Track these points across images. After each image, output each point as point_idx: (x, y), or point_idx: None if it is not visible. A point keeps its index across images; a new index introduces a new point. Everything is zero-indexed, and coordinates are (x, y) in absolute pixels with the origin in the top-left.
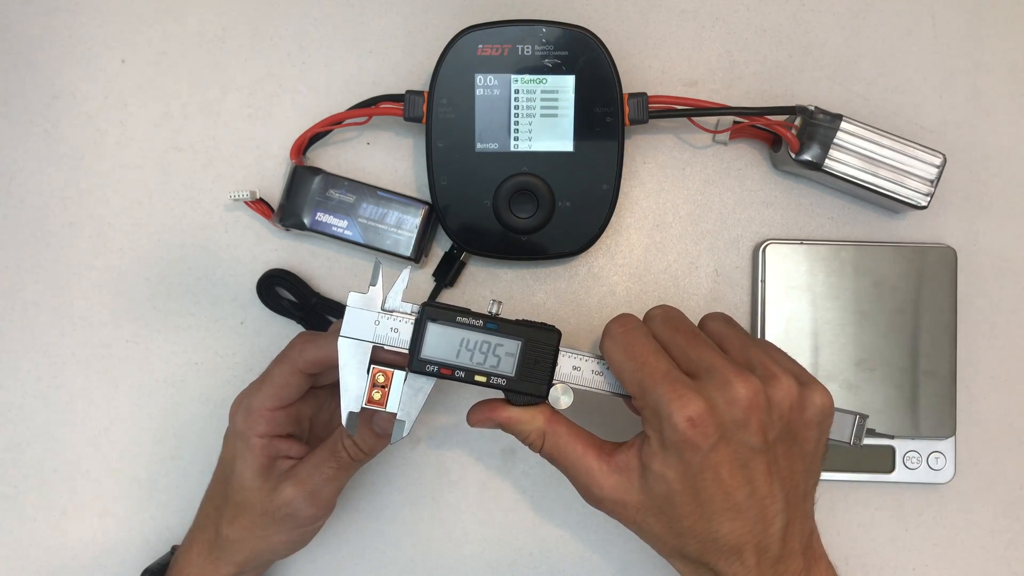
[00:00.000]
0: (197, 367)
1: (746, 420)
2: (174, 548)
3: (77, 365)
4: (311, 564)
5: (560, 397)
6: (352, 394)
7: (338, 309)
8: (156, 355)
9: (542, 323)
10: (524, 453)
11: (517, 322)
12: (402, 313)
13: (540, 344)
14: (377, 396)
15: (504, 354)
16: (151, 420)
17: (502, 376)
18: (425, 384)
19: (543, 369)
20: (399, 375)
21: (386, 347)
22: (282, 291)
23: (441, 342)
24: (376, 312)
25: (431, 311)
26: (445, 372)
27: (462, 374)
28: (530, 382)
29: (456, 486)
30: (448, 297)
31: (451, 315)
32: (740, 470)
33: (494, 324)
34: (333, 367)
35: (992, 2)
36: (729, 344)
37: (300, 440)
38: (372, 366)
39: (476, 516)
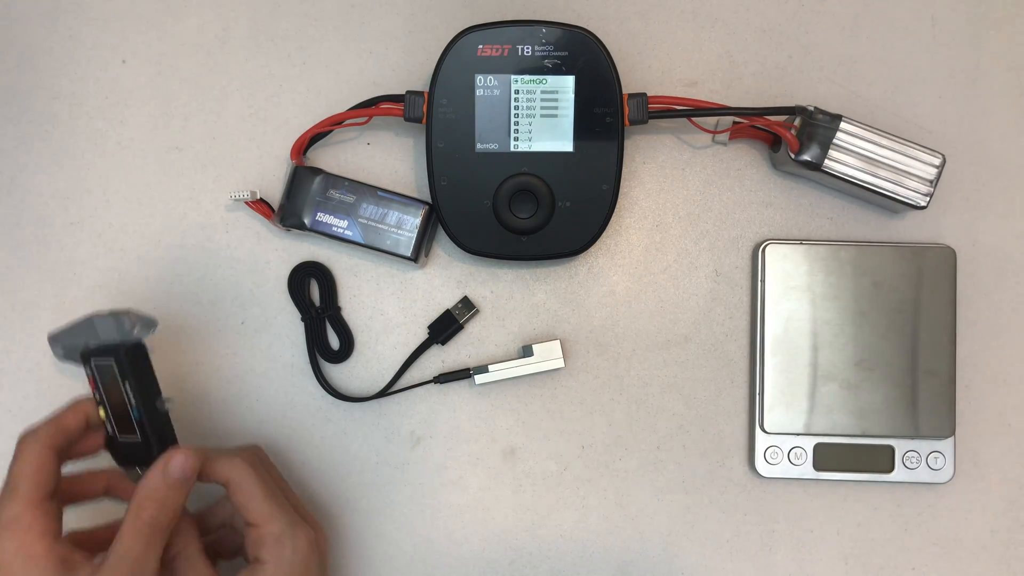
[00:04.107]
0: (197, 367)
1: (322, 556)
2: None
3: (76, 365)
4: None
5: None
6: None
7: (345, 339)
8: (156, 355)
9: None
10: (524, 453)
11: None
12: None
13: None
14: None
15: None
16: None
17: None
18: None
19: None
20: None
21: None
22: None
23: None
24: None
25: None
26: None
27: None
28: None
29: (456, 486)
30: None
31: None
32: None
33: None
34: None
35: (992, 2)
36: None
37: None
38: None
39: (476, 516)
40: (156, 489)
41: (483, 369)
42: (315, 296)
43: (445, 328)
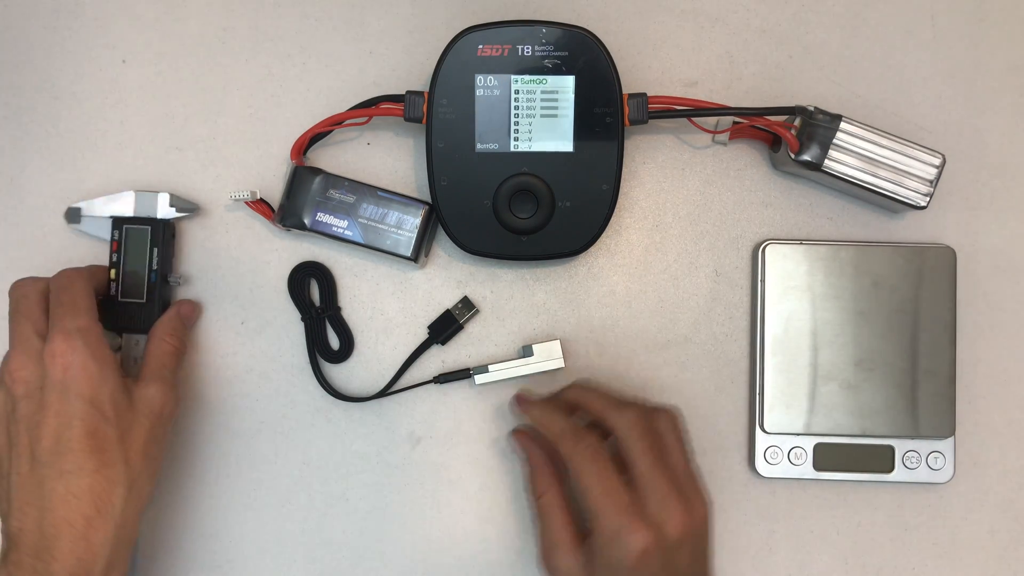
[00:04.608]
0: (197, 367)
1: (681, 545)
2: None
3: None
4: (311, 564)
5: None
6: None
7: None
8: None
9: None
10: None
11: None
12: None
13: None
14: None
15: None
16: None
17: None
18: None
19: None
20: None
21: None
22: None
23: None
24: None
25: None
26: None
27: None
28: None
29: (456, 486)
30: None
31: None
32: None
33: None
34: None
35: (992, 2)
36: (671, 460)
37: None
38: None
39: (476, 516)
40: (172, 318)
41: (483, 369)
42: (315, 296)
43: (445, 328)
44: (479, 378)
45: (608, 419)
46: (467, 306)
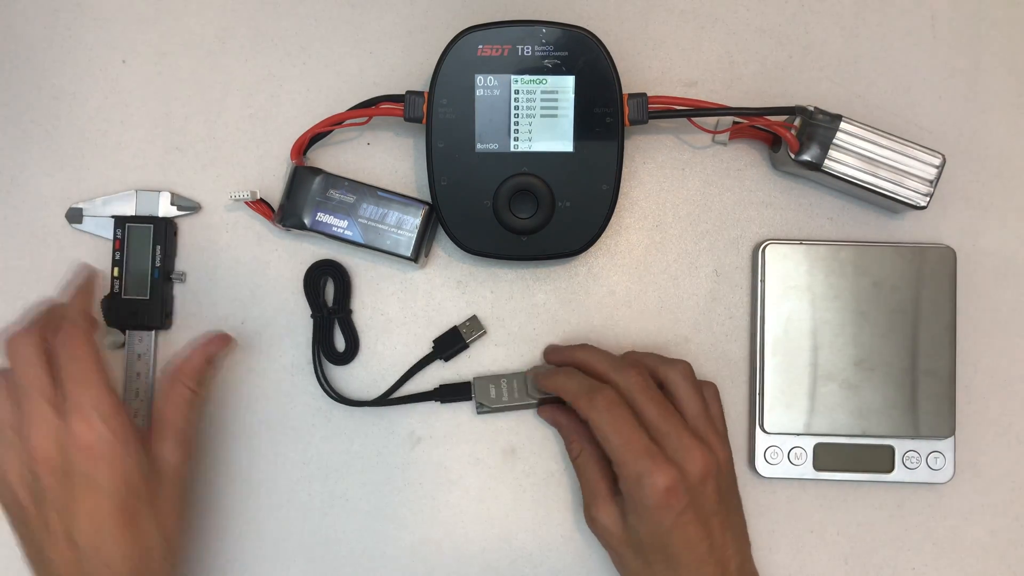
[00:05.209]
0: None
1: (704, 485)
2: None
3: None
4: (311, 564)
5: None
6: None
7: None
8: (156, 355)
9: None
10: (524, 453)
11: None
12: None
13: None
14: None
15: None
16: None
17: None
18: None
19: None
20: None
21: None
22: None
23: None
24: None
25: None
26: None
27: None
28: None
29: (456, 486)
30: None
31: None
32: (702, 528)
33: None
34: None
35: (992, 2)
36: (686, 407)
37: None
38: None
39: (476, 516)
40: (196, 363)
41: (485, 395)
42: (324, 296)
43: (451, 345)
44: (480, 410)
45: (611, 380)
46: (475, 326)
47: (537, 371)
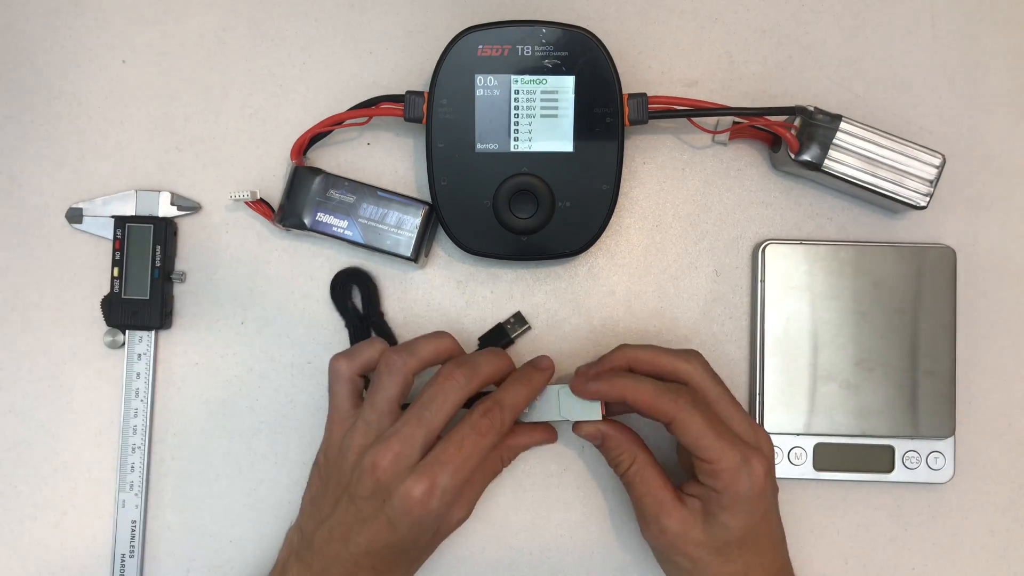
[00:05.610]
0: (197, 367)
1: (773, 471)
2: None
3: (77, 365)
4: None
5: None
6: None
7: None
8: (156, 355)
9: None
10: (524, 453)
11: None
12: None
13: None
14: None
15: None
16: (151, 420)
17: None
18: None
19: None
20: None
21: None
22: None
23: None
24: None
25: None
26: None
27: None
28: None
29: None
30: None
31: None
32: (775, 513)
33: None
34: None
35: (992, 2)
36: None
37: None
38: None
39: (477, 516)
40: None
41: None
42: (348, 304)
43: (494, 343)
44: None
45: (679, 369)
46: (519, 321)
47: (582, 372)
